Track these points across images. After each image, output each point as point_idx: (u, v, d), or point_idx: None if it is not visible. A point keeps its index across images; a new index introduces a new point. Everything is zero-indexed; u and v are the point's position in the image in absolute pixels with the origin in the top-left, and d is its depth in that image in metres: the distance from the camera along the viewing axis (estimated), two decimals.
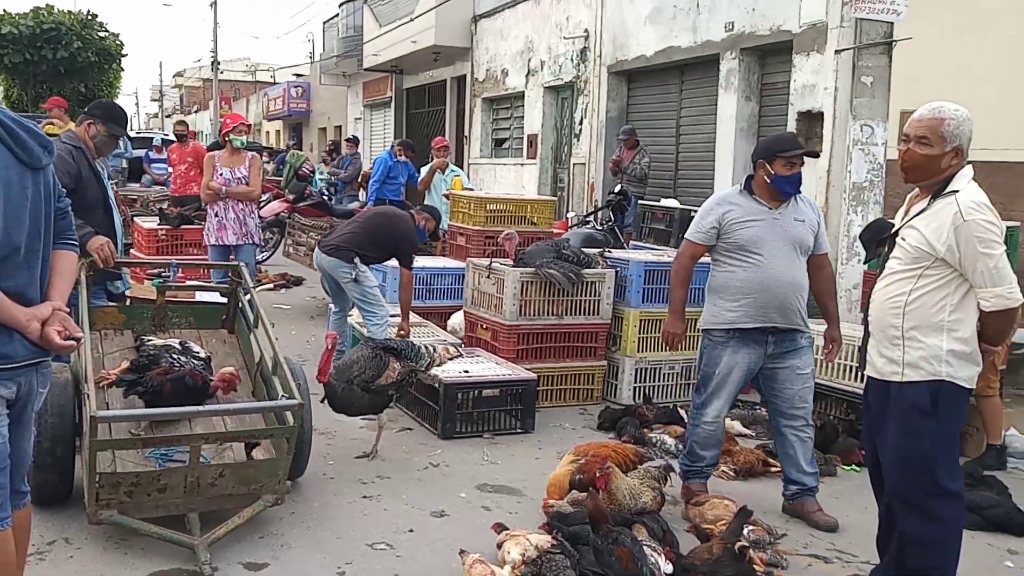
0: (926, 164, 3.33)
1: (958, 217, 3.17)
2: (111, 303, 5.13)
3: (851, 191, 8.35)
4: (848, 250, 8.35)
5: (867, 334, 3.53)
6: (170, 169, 13.14)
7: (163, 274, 5.92)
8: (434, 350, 5.36)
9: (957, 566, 3.42)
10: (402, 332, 6.10)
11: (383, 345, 5.21)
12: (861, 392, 3.79)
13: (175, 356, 4.36)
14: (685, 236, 4.65)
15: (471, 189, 10.85)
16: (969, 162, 3.36)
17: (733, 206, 4.41)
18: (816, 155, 4.63)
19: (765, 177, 4.34)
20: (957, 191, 3.23)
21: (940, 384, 3.27)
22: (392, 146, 12.31)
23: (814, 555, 4.11)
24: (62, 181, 4.50)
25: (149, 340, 4.61)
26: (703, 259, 4.61)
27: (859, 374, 4.47)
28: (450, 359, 5.42)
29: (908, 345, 3.32)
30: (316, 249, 6.62)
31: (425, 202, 9.73)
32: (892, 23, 8.37)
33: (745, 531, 3.93)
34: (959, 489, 3.40)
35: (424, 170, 10.91)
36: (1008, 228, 5.94)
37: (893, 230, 3.55)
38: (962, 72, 8.51)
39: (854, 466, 5.23)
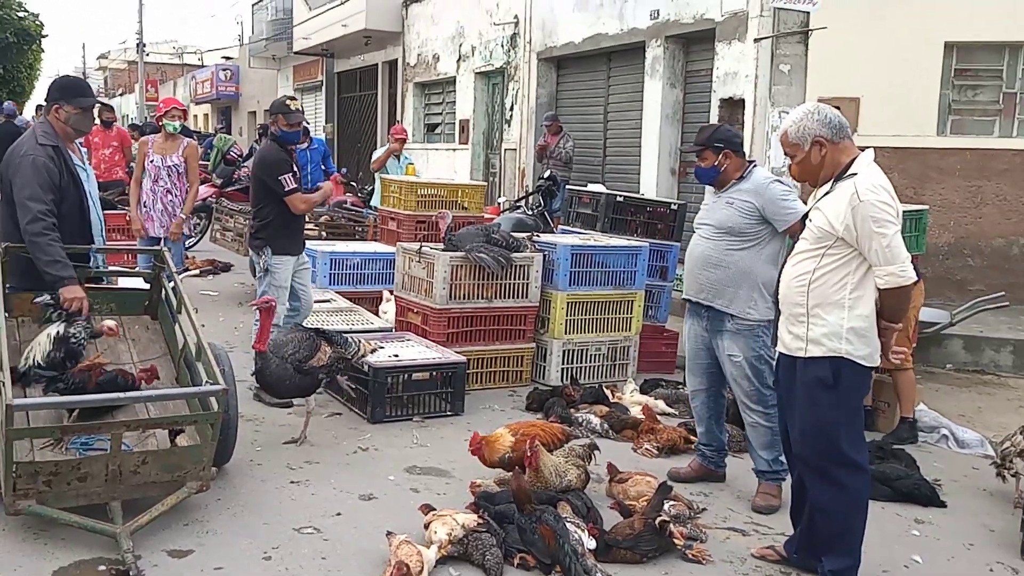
0: (804, 170, 3.57)
1: (855, 198, 3.31)
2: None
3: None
4: None
5: (778, 312, 3.67)
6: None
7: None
8: (360, 341, 5.37)
9: (864, 533, 3.57)
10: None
11: (314, 329, 5.22)
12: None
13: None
14: None
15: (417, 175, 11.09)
16: (878, 148, 3.52)
17: (709, 189, 4.67)
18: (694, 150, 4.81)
19: None
20: (856, 174, 3.37)
21: (840, 360, 3.42)
22: None
23: (732, 528, 4.24)
24: (43, 197, 4.30)
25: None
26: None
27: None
28: (372, 351, 5.43)
29: (812, 322, 3.46)
30: None
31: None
32: (808, 12, 8.61)
33: (666, 506, 4.05)
34: (863, 460, 3.55)
35: (379, 151, 11.08)
36: (917, 211, 6.18)
37: (804, 212, 3.71)
38: (873, 61, 8.74)
39: None
